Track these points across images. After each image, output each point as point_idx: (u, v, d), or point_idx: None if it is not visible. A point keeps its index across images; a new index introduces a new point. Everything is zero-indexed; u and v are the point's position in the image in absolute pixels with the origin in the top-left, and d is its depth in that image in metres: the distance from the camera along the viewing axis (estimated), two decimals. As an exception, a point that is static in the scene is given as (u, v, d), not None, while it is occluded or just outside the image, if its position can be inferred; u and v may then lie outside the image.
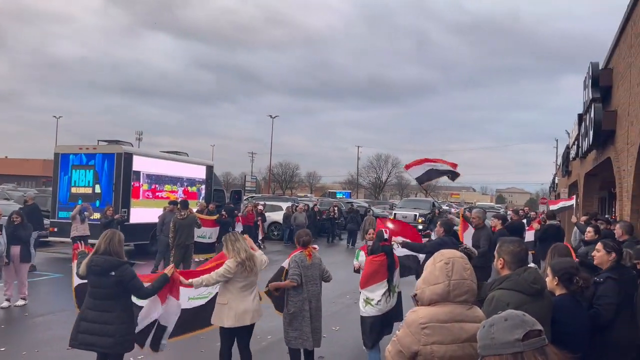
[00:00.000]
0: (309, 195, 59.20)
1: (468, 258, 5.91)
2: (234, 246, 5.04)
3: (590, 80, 10.25)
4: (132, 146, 15.88)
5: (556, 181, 35.16)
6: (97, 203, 13.86)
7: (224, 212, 15.19)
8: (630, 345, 4.14)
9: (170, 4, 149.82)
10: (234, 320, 4.93)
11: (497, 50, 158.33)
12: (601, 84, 9.84)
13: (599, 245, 4.58)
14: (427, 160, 8.53)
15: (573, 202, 15.80)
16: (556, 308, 3.30)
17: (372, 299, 5.29)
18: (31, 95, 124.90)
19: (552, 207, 16.96)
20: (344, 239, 23.33)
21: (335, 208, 23.63)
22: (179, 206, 11.65)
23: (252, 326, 5.16)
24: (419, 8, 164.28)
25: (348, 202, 29.13)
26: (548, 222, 10.64)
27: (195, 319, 5.22)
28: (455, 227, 7.66)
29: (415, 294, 2.76)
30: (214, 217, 13.63)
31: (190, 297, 5.15)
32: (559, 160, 34.71)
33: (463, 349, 2.54)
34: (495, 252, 3.41)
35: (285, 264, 5.52)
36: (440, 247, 6.13)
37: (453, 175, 8.80)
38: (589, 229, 7.01)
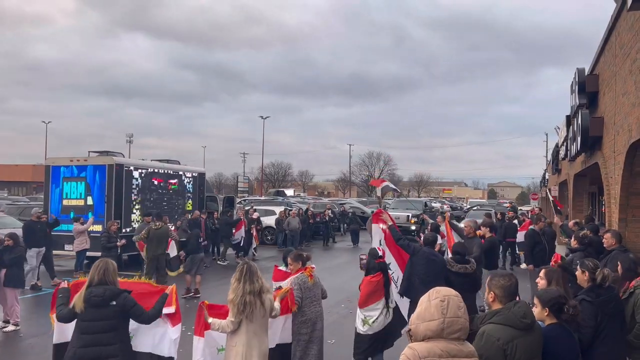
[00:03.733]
0: (301, 194, 59.21)
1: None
2: (241, 286, 4.52)
3: (577, 86, 10.36)
4: (123, 156, 15.82)
5: (547, 177, 35.42)
6: (90, 215, 13.83)
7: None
8: None
9: (146, 4, 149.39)
10: None
11: (475, 44, 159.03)
12: (587, 89, 9.95)
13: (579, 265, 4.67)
14: (383, 180, 10.59)
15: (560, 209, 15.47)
16: (547, 339, 3.37)
17: (371, 318, 5.36)
18: (13, 99, 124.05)
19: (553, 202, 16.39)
20: (338, 241, 23.46)
21: (329, 211, 23.73)
22: (154, 217, 11.54)
23: None
24: (394, 4, 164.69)
25: (342, 204, 29.30)
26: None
27: None
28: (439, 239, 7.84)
29: (410, 329, 2.84)
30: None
31: (218, 348, 4.78)
32: (549, 155, 34.97)
33: (457, 382, 2.62)
34: (486, 285, 3.47)
35: (284, 284, 5.51)
36: (414, 252, 6.24)
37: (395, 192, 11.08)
38: (573, 240, 7.14)
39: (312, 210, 23.64)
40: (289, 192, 49.76)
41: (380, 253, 5.65)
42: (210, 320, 4.57)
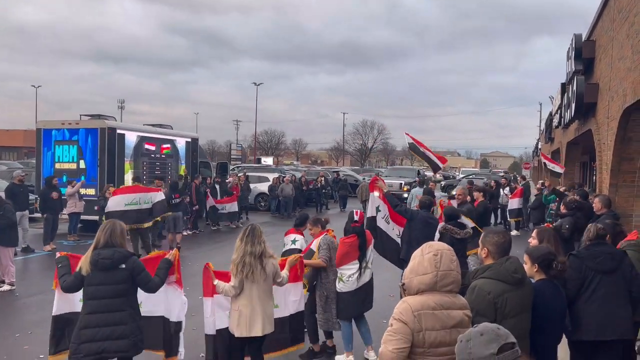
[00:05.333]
0: (295, 163, 59.18)
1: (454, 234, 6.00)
2: (236, 257, 4.48)
3: (573, 52, 10.29)
4: (115, 120, 15.65)
5: (539, 146, 35.56)
6: (83, 178, 13.80)
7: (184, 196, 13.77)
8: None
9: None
10: (244, 329, 4.46)
11: (468, 12, 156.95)
12: (584, 56, 9.89)
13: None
14: (425, 147, 9.52)
15: (562, 171, 15.97)
16: (537, 294, 3.45)
17: (344, 276, 5.52)
18: None
19: (547, 162, 16.74)
20: (331, 208, 23.63)
21: (322, 178, 23.81)
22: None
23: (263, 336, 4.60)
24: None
25: (334, 171, 29.46)
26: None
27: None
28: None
29: (403, 283, 2.88)
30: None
31: (228, 310, 4.77)
32: (543, 125, 35.02)
33: (450, 335, 2.68)
34: (480, 241, 3.52)
35: (313, 246, 5.74)
36: (412, 217, 6.54)
37: (435, 167, 9.75)
38: (562, 205, 7.26)
39: (305, 177, 23.72)
40: (268, 160, 49.78)
41: (356, 217, 5.75)
42: (215, 282, 4.57)
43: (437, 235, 6.29)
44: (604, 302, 4.13)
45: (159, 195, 11.07)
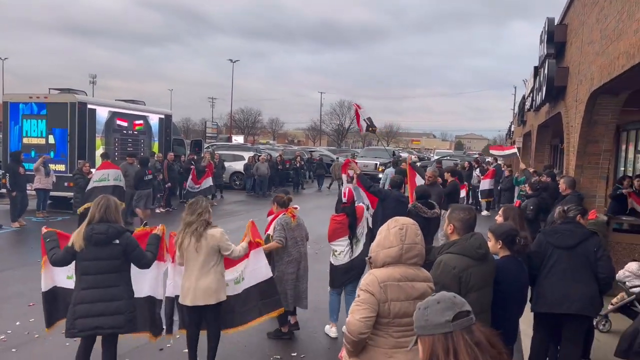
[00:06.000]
0: (271, 142, 58.90)
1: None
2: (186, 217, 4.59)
3: (545, 36, 10.43)
4: (86, 95, 15.27)
5: (512, 129, 36.13)
6: (52, 154, 13.51)
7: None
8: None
9: None
10: (191, 298, 4.52)
11: None
12: (556, 39, 10.03)
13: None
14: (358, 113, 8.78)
15: (515, 150, 16.54)
16: (500, 269, 3.57)
17: (336, 251, 5.72)
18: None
19: (494, 152, 17.87)
20: (307, 187, 23.75)
21: (299, 157, 23.80)
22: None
23: (218, 304, 4.68)
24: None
25: (311, 152, 29.68)
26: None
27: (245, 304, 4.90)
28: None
29: (370, 257, 2.97)
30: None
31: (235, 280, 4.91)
32: (516, 109, 35.57)
33: (414, 306, 2.74)
34: (446, 217, 3.61)
35: (270, 230, 5.68)
36: (385, 197, 6.81)
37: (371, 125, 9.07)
38: (528, 187, 7.52)
39: (282, 156, 23.68)
40: (240, 138, 49.47)
41: (345, 199, 5.90)
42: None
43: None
44: (562, 277, 4.28)
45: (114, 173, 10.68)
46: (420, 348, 1.72)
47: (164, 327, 4.79)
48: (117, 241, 3.98)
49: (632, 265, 5.88)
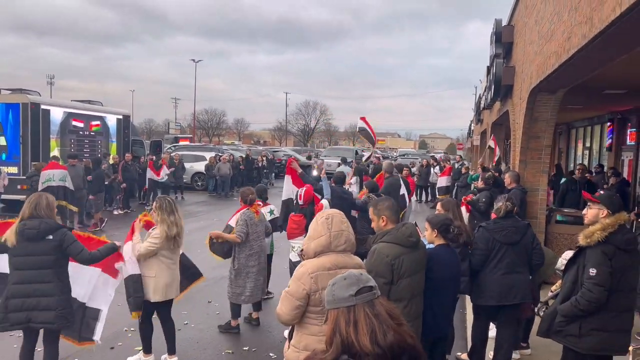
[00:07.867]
0: (236, 143, 58.49)
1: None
2: (167, 217, 4.64)
3: (494, 37, 10.82)
4: (40, 95, 14.90)
5: (472, 128, 37.08)
6: (4, 156, 13.14)
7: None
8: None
9: None
10: (161, 295, 4.69)
11: None
12: (503, 40, 10.41)
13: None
14: (372, 131, 11.92)
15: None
16: (432, 257, 3.77)
17: (295, 248, 5.89)
18: None
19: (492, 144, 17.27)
20: (269, 188, 23.79)
21: (264, 157, 23.83)
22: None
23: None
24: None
25: (274, 152, 29.68)
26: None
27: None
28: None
29: (302, 250, 3.12)
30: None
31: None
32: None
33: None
34: (374, 214, 3.73)
35: (232, 222, 5.84)
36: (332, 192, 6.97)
37: (372, 142, 11.46)
38: (480, 181, 7.84)
39: (252, 156, 23.67)
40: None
41: (301, 201, 6.10)
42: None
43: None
44: (508, 271, 4.54)
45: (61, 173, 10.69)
46: (327, 321, 1.86)
47: (96, 338, 4.53)
48: (51, 237, 4.00)
49: (567, 254, 6.21)
